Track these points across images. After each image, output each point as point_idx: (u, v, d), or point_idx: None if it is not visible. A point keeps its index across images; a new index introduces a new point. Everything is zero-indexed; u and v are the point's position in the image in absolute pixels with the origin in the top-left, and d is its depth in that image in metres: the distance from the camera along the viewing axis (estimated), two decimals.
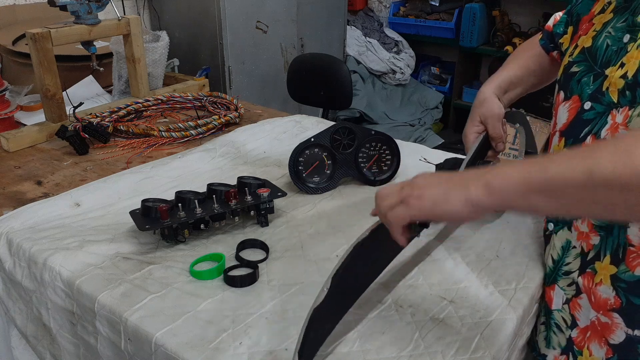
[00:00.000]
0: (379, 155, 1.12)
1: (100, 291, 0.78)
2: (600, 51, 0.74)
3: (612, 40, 0.73)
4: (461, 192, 0.57)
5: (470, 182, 0.57)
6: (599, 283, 0.74)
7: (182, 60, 2.18)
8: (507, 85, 0.95)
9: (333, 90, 2.11)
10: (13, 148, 1.33)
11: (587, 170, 0.49)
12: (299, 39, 2.81)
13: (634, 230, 0.70)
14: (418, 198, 0.60)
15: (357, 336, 0.71)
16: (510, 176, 0.54)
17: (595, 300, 0.75)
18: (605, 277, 0.73)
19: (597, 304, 0.74)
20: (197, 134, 1.40)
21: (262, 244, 0.90)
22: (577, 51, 0.78)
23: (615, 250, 0.72)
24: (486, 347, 0.69)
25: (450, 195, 0.58)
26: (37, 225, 0.96)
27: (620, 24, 0.72)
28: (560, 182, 0.51)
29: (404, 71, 3.55)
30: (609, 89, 0.71)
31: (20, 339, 0.99)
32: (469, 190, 0.56)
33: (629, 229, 0.71)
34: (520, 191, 0.54)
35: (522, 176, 0.53)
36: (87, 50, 1.45)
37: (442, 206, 0.58)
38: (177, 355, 0.67)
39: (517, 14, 3.50)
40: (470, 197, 0.56)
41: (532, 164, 0.54)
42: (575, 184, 0.50)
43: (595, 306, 0.75)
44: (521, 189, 0.53)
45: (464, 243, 0.92)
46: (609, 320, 0.73)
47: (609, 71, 0.71)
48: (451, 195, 0.58)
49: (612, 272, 0.73)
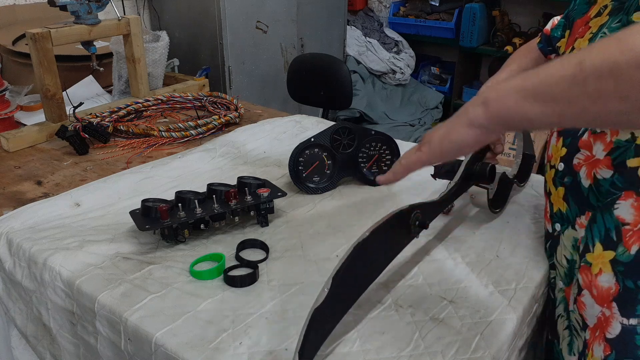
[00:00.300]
0: (379, 155, 1.12)
1: (100, 291, 0.78)
2: None
3: None
4: (462, 118, 0.58)
5: (470, 105, 0.57)
6: (598, 273, 0.72)
7: (182, 60, 2.18)
8: None
9: (333, 90, 2.12)
10: (13, 148, 1.33)
11: (577, 62, 0.48)
12: (299, 39, 2.81)
13: (623, 208, 0.70)
14: (427, 142, 0.62)
15: (357, 336, 0.71)
16: (505, 87, 0.54)
17: (597, 292, 0.73)
18: (605, 265, 0.72)
19: (600, 296, 0.72)
20: (197, 134, 1.40)
21: (262, 244, 0.90)
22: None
23: (606, 235, 0.72)
24: (486, 347, 0.69)
25: (453, 126, 0.59)
26: (37, 225, 0.96)
27: (615, 24, 0.72)
28: (552, 80, 0.50)
29: (404, 71, 3.55)
30: None
31: (20, 339, 0.99)
32: (468, 113, 0.57)
33: (616, 210, 0.70)
34: (514, 100, 0.53)
35: (516, 84, 0.53)
36: (87, 50, 1.45)
37: (448, 139, 0.60)
38: (177, 355, 0.67)
39: (517, 14, 3.50)
40: (470, 118, 0.57)
41: (528, 73, 0.53)
42: (566, 79, 0.49)
43: (599, 300, 0.73)
44: (515, 98, 0.53)
45: (464, 243, 0.92)
46: (609, 311, 0.71)
47: None
48: (453, 126, 0.59)
49: (610, 257, 0.71)
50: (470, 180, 0.94)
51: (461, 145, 0.59)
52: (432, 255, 0.88)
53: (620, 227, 0.70)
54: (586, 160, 0.74)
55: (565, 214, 0.81)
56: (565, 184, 0.79)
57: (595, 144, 0.73)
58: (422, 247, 0.91)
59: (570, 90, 0.49)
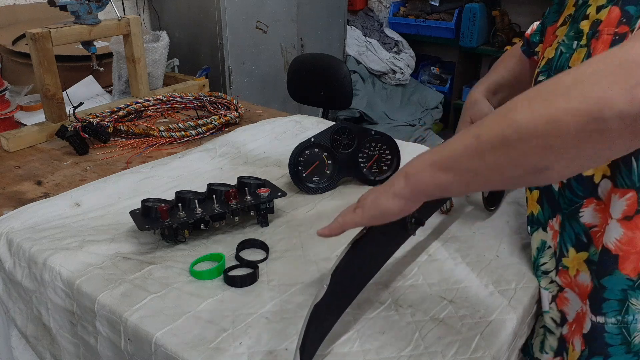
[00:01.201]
0: (379, 155, 1.12)
1: (100, 291, 0.78)
2: (555, 59, 0.76)
3: (565, 48, 0.75)
4: (388, 190, 0.63)
5: (395, 178, 0.63)
6: (576, 274, 0.75)
7: (182, 60, 2.18)
8: (496, 87, 1.00)
9: (333, 90, 2.11)
10: (13, 148, 1.33)
11: (475, 136, 0.53)
12: (299, 39, 2.81)
13: (588, 215, 0.72)
14: (362, 205, 0.67)
15: (357, 336, 0.71)
16: (420, 161, 0.60)
17: (579, 290, 0.75)
18: (581, 265, 0.74)
19: (582, 294, 0.75)
20: (197, 134, 1.40)
21: (262, 244, 0.90)
22: (543, 62, 0.80)
23: (577, 239, 0.74)
24: (486, 347, 0.69)
25: (381, 196, 0.64)
26: (37, 225, 0.96)
27: (572, 33, 0.74)
28: (457, 154, 0.55)
29: (404, 71, 3.55)
30: None
31: (20, 339, 0.99)
32: (393, 186, 0.62)
33: (581, 217, 0.73)
34: (429, 173, 0.58)
35: (429, 158, 0.59)
36: (87, 50, 1.45)
37: (375, 208, 0.64)
38: (177, 355, 0.67)
39: (517, 14, 3.50)
40: (394, 191, 0.62)
41: (440, 145, 0.59)
42: (468, 152, 0.54)
43: (581, 296, 0.75)
44: (430, 171, 0.58)
45: (464, 243, 0.92)
46: (586, 307, 0.73)
47: None
48: (381, 195, 0.64)
49: (584, 257, 0.73)
50: None
51: (387, 214, 0.64)
52: (432, 255, 0.88)
53: (589, 230, 0.72)
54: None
55: (536, 217, 0.83)
56: (539, 187, 0.80)
57: None
58: (422, 247, 0.91)
59: (472, 162, 0.54)
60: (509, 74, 1.00)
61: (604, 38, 0.66)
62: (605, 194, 0.70)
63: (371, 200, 0.65)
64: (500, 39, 3.34)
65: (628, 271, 0.68)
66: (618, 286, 0.68)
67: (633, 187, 0.66)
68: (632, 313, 0.69)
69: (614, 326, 0.70)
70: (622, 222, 0.67)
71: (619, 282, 0.68)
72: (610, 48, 0.64)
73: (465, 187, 0.58)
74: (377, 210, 0.64)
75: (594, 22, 0.70)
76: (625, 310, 0.69)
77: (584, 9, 0.73)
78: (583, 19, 0.73)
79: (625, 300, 0.68)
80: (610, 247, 0.68)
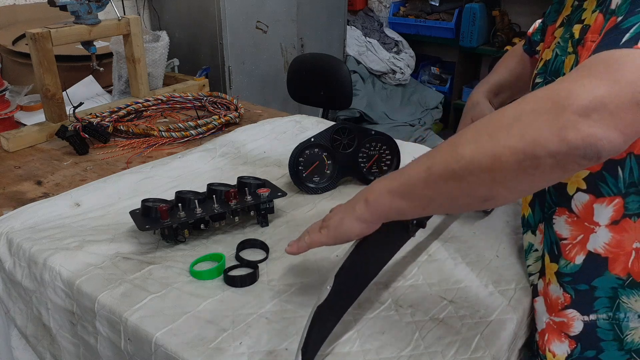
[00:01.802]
0: (379, 155, 1.12)
1: (100, 291, 0.78)
2: (551, 61, 0.76)
3: (560, 50, 0.75)
4: (351, 213, 0.66)
5: (356, 202, 0.66)
6: (548, 283, 0.76)
7: (182, 60, 2.18)
8: (498, 88, 1.00)
9: (333, 90, 2.11)
10: (13, 148, 1.33)
11: (427, 168, 0.57)
12: (299, 39, 2.81)
13: (559, 224, 0.73)
14: (327, 226, 0.69)
15: (357, 336, 0.71)
16: (378, 188, 0.64)
17: (549, 301, 0.76)
18: (551, 276, 0.75)
19: (550, 305, 0.75)
20: (197, 134, 1.40)
21: (262, 244, 0.90)
22: (540, 64, 0.80)
23: (550, 248, 0.75)
24: (486, 347, 0.69)
25: (344, 219, 0.67)
26: (37, 225, 0.96)
27: (566, 35, 0.74)
28: (411, 182, 0.60)
29: (404, 71, 3.55)
30: None
31: (20, 339, 0.99)
32: (355, 210, 0.66)
33: (554, 224, 0.74)
34: (388, 199, 0.62)
35: (387, 185, 0.62)
36: (87, 50, 1.45)
37: (339, 229, 0.68)
38: (177, 355, 0.67)
39: (517, 14, 3.50)
40: (356, 215, 0.66)
41: (396, 173, 0.63)
42: (421, 182, 0.58)
43: (548, 308, 0.76)
44: (388, 197, 0.62)
45: (464, 243, 0.92)
46: (564, 318, 0.74)
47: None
48: (345, 218, 0.67)
49: (554, 269, 0.74)
50: None
51: (350, 235, 0.68)
52: (432, 255, 0.88)
53: (559, 241, 0.73)
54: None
55: (527, 219, 0.83)
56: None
57: None
58: (422, 247, 0.91)
59: (427, 190, 0.58)
60: (509, 75, 1.00)
61: (587, 45, 0.66)
62: (580, 207, 0.71)
63: (336, 222, 0.68)
64: (500, 39, 3.34)
65: (618, 271, 0.69)
66: (608, 285, 0.70)
67: (619, 194, 0.67)
68: (624, 310, 0.70)
69: (606, 322, 0.71)
70: (610, 227, 0.69)
71: (609, 281, 0.70)
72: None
73: (422, 210, 0.62)
74: (340, 232, 0.68)
75: (583, 27, 0.70)
76: (616, 307, 0.70)
77: (579, 13, 0.73)
78: (577, 23, 0.72)
79: (616, 298, 0.70)
80: (600, 251, 0.69)
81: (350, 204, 0.68)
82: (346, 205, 0.69)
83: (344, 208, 0.69)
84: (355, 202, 0.67)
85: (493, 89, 0.98)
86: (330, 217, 0.71)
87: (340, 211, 0.69)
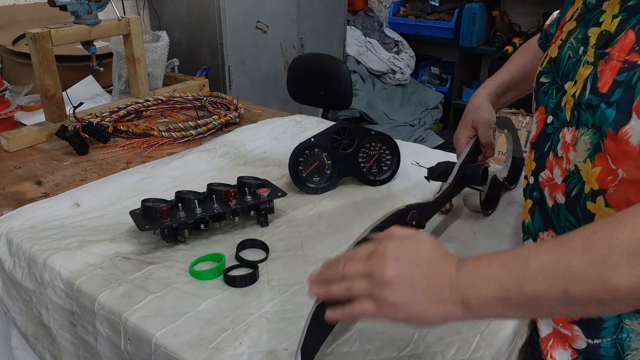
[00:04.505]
0: (379, 155, 1.12)
1: (100, 291, 0.78)
2: (562, 62, 0.71)
3: (572, 52, 0.70)
4: (438, 310, 0.53)
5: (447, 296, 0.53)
6: None
7: (182, 60, 2.18)
8: (503, 90, 0.97)
9: (333, 90, 2.11)
10: (13, 148, 1.33)
11: (563, 290, 0.48)
12: (299, 39, 2.81)
13: None
14: (390, 305, 0.54)
15: (357, 336, 0.71)
16: (486, 294, 0.51)
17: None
18: None
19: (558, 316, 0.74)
20: (197, 134, 1.40)
21: (262, 244, 0.90)
22: (546, 60, 0.76)
23: None
24: (486, 347, 0.69)
25: (426, 311, 0.53)
26: (37, 225, 0.96)
27: (580, 36, 0.70)
28: (538, 301, 0.49)
29: (404, 71, 3.55)
30: (565, 105, 0.69)
31: (20, 339, 0.99)
32: (447, 309, 0.53)
33: None
34: (497, 307, 0.52)
35: (500, 294, 0.51)
36: (87, 50, 1.45)
37: (416, 320, 0.54)
38: (177, 355, 0.67)
39: (517, 14, 3.50)
40: (447, 317, 0.53)
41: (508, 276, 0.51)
42: (554, 302, 0.49)
43: (556, 320, 0.75)
44: (498, 306, 0.51)
45: (464, 243, 0.92)
46: (569, 332, 0.73)
47: (567, 86, 0.69)
48: (426, 311, 0.53)
49: None
50: (463, 182, 0.95)
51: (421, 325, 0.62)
52: None
53: None
54: (548, 181, 0.73)
55: (527, 226, 0.81)
56: (533, 198, 0.78)
57: (555, 167, 0.71)
58: None
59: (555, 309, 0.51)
60: (519, 74, 0.96)
61: (612, 64, 0.61)
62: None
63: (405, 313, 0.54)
64: (500, 39, 3.34)
65: None
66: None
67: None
68: (626, 331, 0.70)
69: (609, 342, 0.71)
70: None
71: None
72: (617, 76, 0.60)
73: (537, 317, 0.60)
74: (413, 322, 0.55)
75: (602, 33, 0.65)
76: (620, 330, 0.70)
77: (597, 14, 0.67)
78: (594, 25, 0.67)
79: (620, 322, 0.70)
80: None
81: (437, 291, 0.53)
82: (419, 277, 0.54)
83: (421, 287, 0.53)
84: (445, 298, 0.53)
85: (498, 91, 0.96)
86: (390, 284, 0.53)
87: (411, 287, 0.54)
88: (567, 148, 0.68)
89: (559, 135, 0.70)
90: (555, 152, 0.71)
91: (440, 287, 0.53)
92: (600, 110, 0.61)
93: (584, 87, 0.64)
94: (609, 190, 0.62)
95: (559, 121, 0.70)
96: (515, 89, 0.98)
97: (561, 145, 0.69)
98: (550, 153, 0.72)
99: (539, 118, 0.75)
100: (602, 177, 0.62)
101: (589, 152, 0.63)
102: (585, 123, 0.64)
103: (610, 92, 0.60)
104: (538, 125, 0.75)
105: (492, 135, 0.94)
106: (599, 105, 0.61)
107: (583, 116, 0.64)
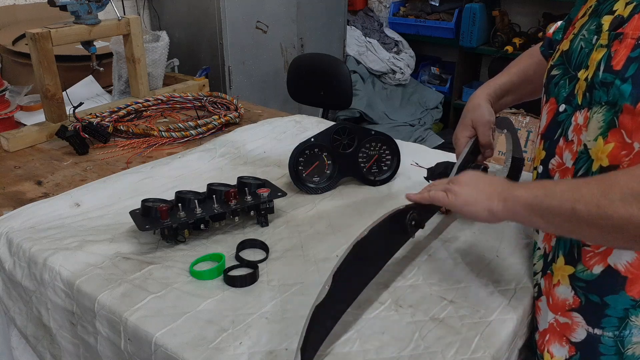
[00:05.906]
0: (379, 155, 1.12)
1: (100, 291, 0.78)
2: (574, 54, 0.74)
3: (585, 42, 0.73)
4: (487, 202, 0.70)
5: (495, 195, 0.70)
6: (556, 284, 0.75)
7: (182, 60, 2.18)
8: (502, 91, 0.98)
9: (333, 90, 2.11)
10: (13, 148, 1.33)
11: (571, 208, 0.60)
12: (299, 39, 2.81)
13: None
14: (455, 194, 0.74)
15: (357, 336, 0.71)
16: (519, 198, 0.67)
17: (553, 301, 0.76)
18: (563, 278, 0.75)
19: (555, 305, 0.75)
20: (197, 134, 1.40)
21: (262, 244, 0.90)
22: (557, 55, 0.78)
23: (570, 251, 0.74)
24: (486, 347, 0.69)
25: (478, 202, 0.71)
26: (37, 225, 0.96)
27: (592, 27, 0.72)
28: (552, 209, 0.63)
29: (404, 71, 3.55)
30: (578, 91, 0.71)
31: (20, 339, 0.99)
32: (492, 202, 0.69)
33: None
34: (525, 211, 0.66)
35: (527, 199, 0.66)
36: (87, 50, 1.45)
37: (469, 207, 0.72)
38: (177, 355, 0.67)
39: (517, 14, 3.50)
40: (491, 208, 0.70)
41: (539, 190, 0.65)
42: (564, 215, 0.61)
43: (552, 308, 0.76)
44: (526, 210, 0.66)
45: (464, 243, 0.92)
46: (568, 320, 0.74)
47: (580, 74, 0.71)
48: (479, 201, 0.71)
49: (569, 272, 0.74)
50: None
51: (475, 219, 0.73)
52: (432, 255, 0.88)
53: (581, 247, 0.72)
54: (558, 167, 0.75)
55: None
56: None
57: (565, 151, 0.73)
58: (422, 247, 0.91)
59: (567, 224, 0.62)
60: (519, 78, 0.98)
61: (627, 42, 0.64)
62: None
63: (466, 199, 0.73)
64: (500, 39, 3.34)
65: (634, 293, 0.69)
66: (622, 305, 0.70)
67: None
68: (629, 328, 0.70)
69: (610, 339, 0.71)
70: None
71: (624, 302, 0.70)
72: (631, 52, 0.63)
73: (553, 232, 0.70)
74: (465, 210, 0.73)
75: (615, 17, 0.67)
76: (624, 326, 0.70)
77: (609, 3, 0.70)
78: (607, 14, 0.69)
79: (626, 318, 0.70)
80: (620, 268, 0.69)
81: (491, 191, 0.71)
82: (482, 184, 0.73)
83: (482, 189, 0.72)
84: (494, 195, 0.70)
85: (497, 92, 0.96)
86: (460, 184, 0.75)
87: (477, 187, 0.73)
88: (579, 130, 0.70)
89: (571, 120, 0.72)
90: (566, 136, 0.73)
91: (492, 191, 0.71)
92: (615, 86, 0.64)
93: (597, 68, 0.67)
94: (622, 165, 0.66)
95: (572, 107, 0.72)
96: (515, 92, 0.99)
97: (572, 128, 0.72)
98: (561, 139, 0.74)
99: (550, 108, 0.77)
100: (614, 153, 0.66)
101: (602, 129, 0.66)
102: (599, 101, 0.67)
103: (625, 69, 0.63)
104: (548, 116, 0.77)
105: (491, 135, 0.95)
106: (613, 82, 0.64)
107: (596, 95, 0.67)
